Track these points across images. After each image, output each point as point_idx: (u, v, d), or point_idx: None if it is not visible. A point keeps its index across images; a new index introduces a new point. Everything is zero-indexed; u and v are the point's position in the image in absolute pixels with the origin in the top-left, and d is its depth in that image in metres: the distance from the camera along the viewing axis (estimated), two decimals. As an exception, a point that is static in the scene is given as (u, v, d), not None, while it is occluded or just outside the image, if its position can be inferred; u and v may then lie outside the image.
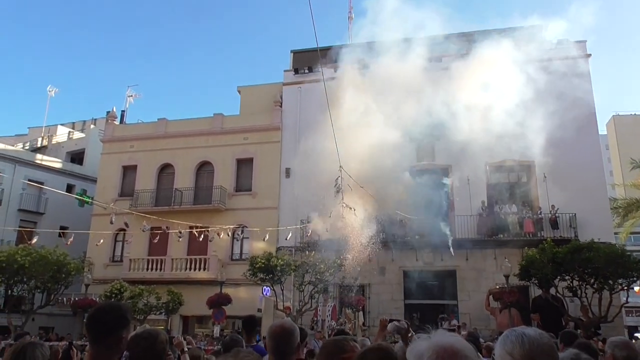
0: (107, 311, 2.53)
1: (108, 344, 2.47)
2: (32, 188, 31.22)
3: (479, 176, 21.62)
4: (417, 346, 1.64)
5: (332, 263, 18.93)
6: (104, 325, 2.47)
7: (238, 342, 4.63)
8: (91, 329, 2.49)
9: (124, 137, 27.80)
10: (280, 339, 3.05)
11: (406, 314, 21.36)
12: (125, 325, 2.53)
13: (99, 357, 2.49)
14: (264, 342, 6.85)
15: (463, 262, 21.20)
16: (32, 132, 41.79)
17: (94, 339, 2.49)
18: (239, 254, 24.28)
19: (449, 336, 1.66)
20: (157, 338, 2.82)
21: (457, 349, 1.58)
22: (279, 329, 3.13)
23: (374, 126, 20.10)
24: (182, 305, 22.15)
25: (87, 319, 2.53)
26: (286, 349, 3.06)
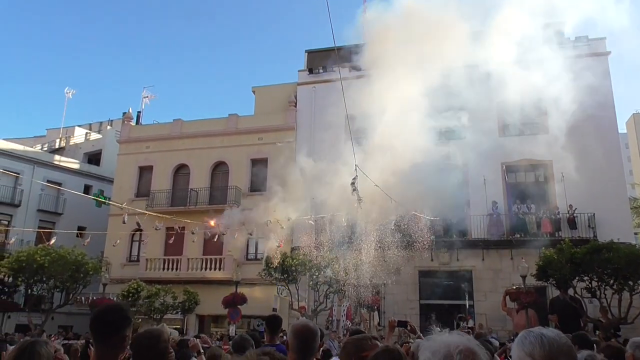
0: (110, 312, 2.61)
1: (113, 344, 2.55)
2: (51, 189, 31.73)
3: (495, 176, 21.44)
4: (429, 344, 1.65)
5: (347, 262, 18.90)
6: (108, 325, 2.55)
7: (248, 342, 4.61)
8: (96, 329, 2.57)
9: (140, 138, 28.08)
10: (306, 339, 3.09)
11: (422, 314, 21.27)
12: (128, 324, 2.62)
13: (104, 356, 2.56)
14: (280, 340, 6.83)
15: (479, 262, 21.03)
16: (50, 134, 42.46)
17: (98, 338, 2.57)
18: (254, 253, 24.38)
19: (461, 336, 1.66)
20: (160, 337, 2.89)
21: (473, 349, 1.59)
22: (305, 328, 3.18)
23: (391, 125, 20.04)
24: (198, 304, 22.30)
25: (91, 320, 2.60)
26: (310, 349, 3.11)
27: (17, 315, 24.88)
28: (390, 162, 20.64)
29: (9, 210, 30.28)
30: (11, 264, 20.28)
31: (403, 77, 18.36)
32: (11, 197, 30.32)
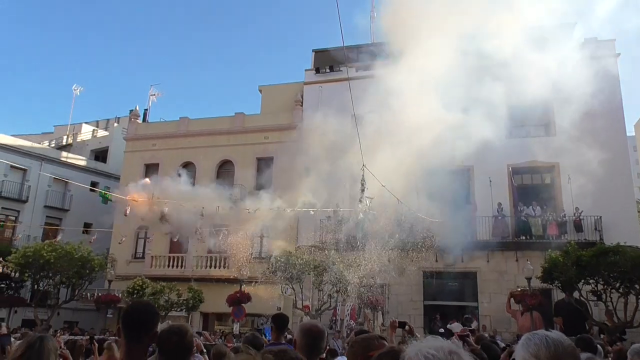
0: (144, 309, 2.62)
1: (143, 341, 2.56)
2: (58, 185, 31.95)
3: (501, 177, 21.38)
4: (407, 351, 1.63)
5: (352, 263, 18.90)
6: (143, 324, 2.55)
7: (259, 339, 4.68)
8: (130, 326, 2.55)
9: (146, 136, 28.19)
10: (314, 338, 3.11)
11: (426, 315, 21.23)
12: (158, 321, 2.63)
13: (135, 353, 2.56)
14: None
15: (484, 264, 20.96)
16: (57, 130, 42.69)
17: (131, 336, 2.55)
18: (258, 252, 24.42)
19: (439, 341, 1.64)
20: (187, 333, 2.93)
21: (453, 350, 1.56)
22: (314, 328, 3.20)
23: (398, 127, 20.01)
24: (202, 302, 22.37)
25: (125, 317, 2.57)
26: (318, 348, 3.13)
27: (23, 310, 25.07)
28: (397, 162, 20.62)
29: (16, 206, 30.50)
30: (18, 260, 20.42)
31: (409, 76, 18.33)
32: (19, 193, 30.54)
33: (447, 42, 17.41)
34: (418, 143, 20.12)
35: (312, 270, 19.29)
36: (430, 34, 17.29)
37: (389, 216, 19.18)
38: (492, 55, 17.44)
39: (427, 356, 1.54)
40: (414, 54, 18.67)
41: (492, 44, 17.56)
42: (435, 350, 1.57)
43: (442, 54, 17.43)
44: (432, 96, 17.97)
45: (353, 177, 23.14)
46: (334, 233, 21.98)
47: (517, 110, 19.58)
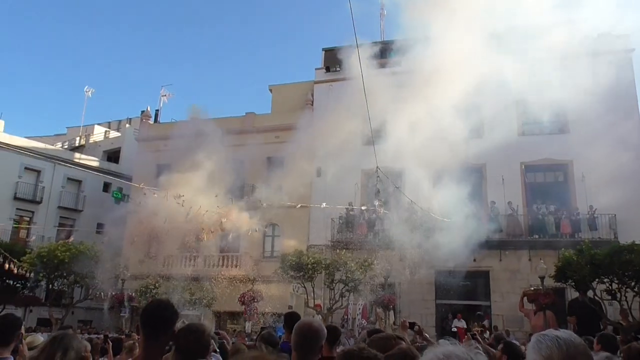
0: (164, 308, 2.66)
1: (163, 339, 2.62)
2: (71, 186, 32.31)
3: (513, 175, 21.22)
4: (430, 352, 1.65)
5: (363, 262, 18.89)
6: (163, 322, 2.60)
7: (275, 338, 4.73)
8: (150, 325, 2.59)
9: (158, 136, 28.34)
10: (307, 337, 3.10)
11: (437, 314, 21.15)
12: (176, 320, 2.68)
13: (154, 351, 2.60)
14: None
15: (496, 262, 20.82)
16: (70, 132, 43.12)
17: (150, 334, 2.59)
18: (270, 251, 24.48)
19: (451, 346, 1.67)
20: (205, 332, 2.99)
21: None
22: (307, 326, 3.19)
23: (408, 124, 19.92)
24: (214, 301, 22.48)
25: (145, 316, 2.61)
26: (312, 347, 3.11)
27: (38, 309, 25.38)
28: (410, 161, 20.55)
29: (30, 207, 30.87)
30: (32, 260, 20.67)
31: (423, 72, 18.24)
32: (33, 194, 30.91)
33: (466, 35, 17.27)
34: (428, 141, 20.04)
35: (324, 269, 19.31)
36: (449, 25, 17.15)
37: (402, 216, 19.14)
38: (506, 51, 17.27)
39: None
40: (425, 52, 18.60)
41: (506, 38, 17.41)
42: (445, 356, 1.57)
43: (460, 47, 17.29)
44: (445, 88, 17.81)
45: (366, 175, 23.13)
46: (346, 232, 22.00)
47: (531, 107, 19.40)
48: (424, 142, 20.76)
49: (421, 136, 19.61)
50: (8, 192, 29.72)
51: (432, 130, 20.28)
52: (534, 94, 20.53)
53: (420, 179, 20.62)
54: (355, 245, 21.15)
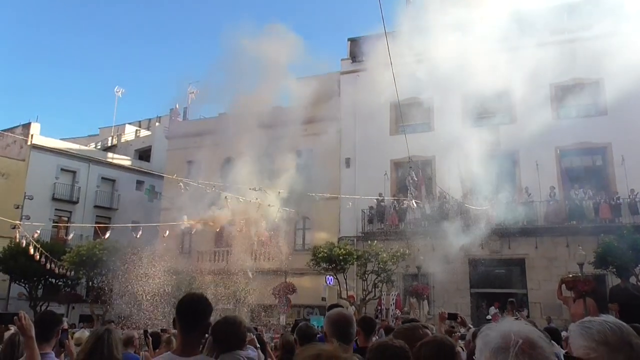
0: (198, 301, 2.74)
1: (199, 331, 2.70)
2: (106, 185, 33.12)
3: (549, 160, 20.67)
4: (488, 334, 1.56)
5: (395, 252, 18.75)
6: (198, 315, 2.68)
7: (312, 330, 4.70)
8: (186, 318, 2.66)
9: (187, 133, 28.71)
10: (342, 326, 3.15)
11: (472, 303, 20.86)
12: (211, 313, 2.76)
13: (191, 343, 2.67)
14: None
15: (532, 250, 20.35)
16: (102, 132, 44.13)
17: (187, 327, 2.66)
18: (301, 244, 24.57)
19: (522, 325, 1.58)
20: (241, 324, 3.17)
21: (533, 340, 1.50)
22: (340, 316, 3.24)
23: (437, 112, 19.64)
24: (248, 295, 22.71)
25: (180, 309, 2.69)
26: (348, 335, 3.14)
27: (80, 306, 26.18)
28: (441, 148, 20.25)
29: (68, 207, 31.77)
30: (72, 259, 21.29)
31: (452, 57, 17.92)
32: (70, 195, 31.79)
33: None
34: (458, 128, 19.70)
35: (355, 261, 19.26)
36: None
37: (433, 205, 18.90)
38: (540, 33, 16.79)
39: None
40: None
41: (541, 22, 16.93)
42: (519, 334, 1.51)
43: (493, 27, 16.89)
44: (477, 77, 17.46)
45: (395, 164, 22.91)
46: (376, 223, 21.88)
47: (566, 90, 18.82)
48: (455, 128, 20.45)
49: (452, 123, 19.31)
50: (47, 193, 30.64)
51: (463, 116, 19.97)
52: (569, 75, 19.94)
53: (452, 166, 20.32)
54: (387, 236, 21.03)
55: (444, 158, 21.14)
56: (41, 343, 3.54)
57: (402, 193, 21.39)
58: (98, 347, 3.14)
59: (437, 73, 20.24)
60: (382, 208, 21.85)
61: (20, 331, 2.92)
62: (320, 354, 1.50)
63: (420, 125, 23.58)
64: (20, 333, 2.92)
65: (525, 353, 1.45)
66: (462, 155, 20.53)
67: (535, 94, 20.17)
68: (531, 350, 1.46)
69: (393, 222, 21.54)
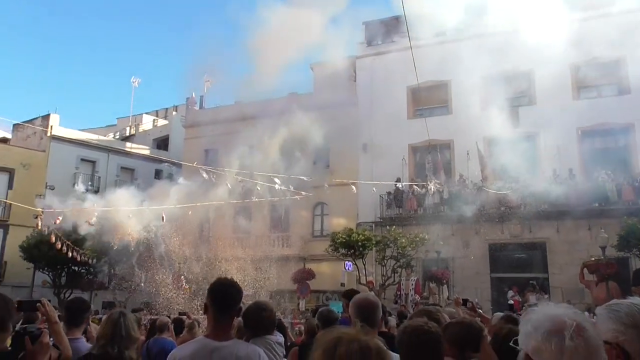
0: (230, 285, 2.83)
1: (232, 315, 2.80)
2: (125, 174, 33.48)
3: (569, 142, 20.31)
4: (536, 319, 1.55)
5: (414, 237, 18.69)
6: (231, 299, 2.77)
7: (334, 314, 4.74)
8: (217, 302, 2.75)
9: (204, 122, 28.84)
10: (368, 310, 3.18)
11: (493, 287, 20.74)
12: (241, 297, 2.85)
13: (223, 327, 2.77)
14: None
15: (553, 233, 20.09)
16: (120, 122, 44.52)
17: (220, 311, 2.75)
18: (319, 230, 24.63)
19: (567, 309, 1.58)
20: (272, 310, 3.29)
21: (583, 324, 1.49)
22: (366, 301, 3.27)
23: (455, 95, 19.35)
24: (267, 280, 22.88)
25: (212, 294, 2.77)
26: (374, 320, 3.18)
27: (103, 293, 26.68)
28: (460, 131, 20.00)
29: (89, 196, 32.19)
30: (94, 247, 21.65)
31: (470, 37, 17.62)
32: (90, 184, 32.21)
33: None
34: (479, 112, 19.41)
35: (374, 246, 19.25)
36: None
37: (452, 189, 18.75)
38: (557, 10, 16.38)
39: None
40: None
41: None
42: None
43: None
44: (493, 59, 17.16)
45: (413, 149, 22.72)
46: (395, 208, 21.79)
47: (587, 70, 18.39)
48: (475, 111, 20.18)
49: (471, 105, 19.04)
50: (68, 183, 31.08)
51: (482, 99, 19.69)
52: (590, 54, 19.45)
53: (471, 150, 20.10)
54: (405, 221, 20.96)
55: (463, 141, 20.92)
56: (71, 328, 3.63)
57: (420, 177, 21.25)
58: (117, 330, 3.27)
59: (455, 55, 19.95)
60: (401, 193, 21.74)
61: (44, 317, 2.99)
62: (341, 337, 1.50)
63: (438, 109, 23.34)
64: (46, 319, 2.98)
65: (580, 336, 1.45)
66: (481, 138, 20.30)
67: (555, 74, 19.76)
68: (583, 333, 1.46)
69: (412, 207, 21.44)
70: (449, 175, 21.40)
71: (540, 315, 1.54)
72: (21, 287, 25.62)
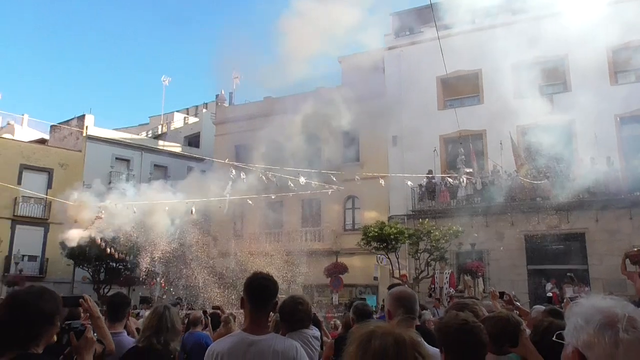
0: (267, 279, 2.85)
1: (268, 309, 2.83)
2: (158, 172, 34.12)
3: (607, 129, 19.65)
4: (585, 312, 1.49)
5: (448, 230, 18.44)
6: (268, 293, 2.79)
7: (369, 308, 4.72)
8: (254, 296, 2.78)
9: (233, 118, 29.10)
10: (408, 302, 3.15)
11: (530, 280, 20.32)
12: (277, 291, 2.87)
13: (260, 321, 2.79)
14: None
15: (592, 223, 19.50)
16: (152, 121, 45.40)
17: (257, 305, 2.77)
18: (351, 224, 24.59)
19: (615, 301, 1.52)
20: (308, 303, 3.29)
21: (635, 317, 1.43)
22: (404, 292, 3.27)
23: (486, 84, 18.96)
24: (301, 275, 22.98)
25: (251, 288, 2.79)
26: (412, 313, 3.15)
27: (140, 288, 27.34)
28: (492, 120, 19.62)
29: (124, 194, 32.96)
30: (130, 243, 22.14)
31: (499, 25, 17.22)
32: (125, 182, 32.96)
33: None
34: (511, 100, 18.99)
35: (407, 239, 19.08)
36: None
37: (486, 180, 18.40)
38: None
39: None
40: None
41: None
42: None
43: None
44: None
45: (444, 140, 22.38)
46: (427, 200, 21.54)
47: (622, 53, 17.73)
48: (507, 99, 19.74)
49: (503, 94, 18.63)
50: (103, 182, 31.89)
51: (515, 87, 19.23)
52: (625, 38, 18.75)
53: (504, 139, 19.66)
54: (438, 213, 20.71)
55: (496, 131, 20.50)
56: (113, 323, 3.70)
57: (452, 169, 20.93)
58: (162, 323, 3.40)
59: (485, 43, 19.53)
60: (433, 185, 21.48)
61: (87, 313, 3.05)
62: (375, 330, 1.47)
63: (469, 99, 22.95)
64: (89, 314, 3.04)
65: (633, 328, 1.39)
66: (514, 127, 19.84)
67: (591, 59, 19.13)
68: (637, 325, 1.41)
69: (444, 199, 21.17)
70: (482, 166, 21.03)
71: (589, 308, 1.48)
72: (62, 283, 26.54)
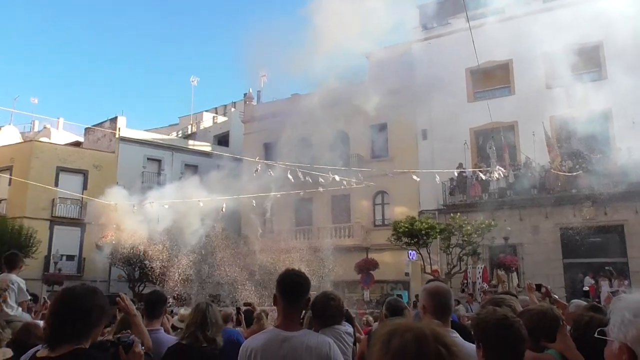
0: (299, 275, 2.90)
1: (301, 304, 2.86)
2: (189, 171, 34.65)
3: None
4: (625, 305, 1.48)
5: (480, 224, 18.13)
6: (300, 290, 2.83)
7: (401, 304, 4.67)
8: (287, 292, 2.81)
9: (261, 116, 29.27)
10: (443, 298, 3.10)
11: (566, 274, 19.82)
12: (310, 288, 2.90)
13: (293, 317, 2.84)
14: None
15: (632, 215, 18.88)
16: (182, 121, 46.10)
17: (290, 302, 2.80)
18: (381, 219, 24.45)
19: None
20: (340, 300, 3.36)
21: None
22: (440, 288, 3.20)
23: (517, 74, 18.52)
24: (332, 271, 22.98)
25: (282, 284, 2.82)
26: (448, 308, 3.13)
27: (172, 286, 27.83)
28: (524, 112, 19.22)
29: (156, 193, 33.61)
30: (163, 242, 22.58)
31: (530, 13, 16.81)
32: (157, 182, 33.59)
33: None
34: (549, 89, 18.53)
35: (438, 234, 18.84)
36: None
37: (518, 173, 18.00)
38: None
39: None
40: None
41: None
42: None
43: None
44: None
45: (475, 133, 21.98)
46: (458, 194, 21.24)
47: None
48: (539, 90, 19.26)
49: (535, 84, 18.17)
50: (136, 182, 32.58)
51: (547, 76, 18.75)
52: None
53: (537, 131, 19.18)
54: (470, 207, 20.38)
55: (528, 122, 20.04)
56: (151, 320, 3.76)
57: (484, 162, 20.56)
58: (206, 318, 3.56)
59: (515, 32, 19.09)
60: (464, 179, 21.14)
61: (124, 311, 3.15)
62: (396, 328, 1.40)
63: (500, 90, 22.49)
64: (125, 312, 3.10)
65: None
66: (547, 118, 19.35)
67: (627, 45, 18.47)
68: None
69: (476, 193, 20.82)
70: (514, 158, 20.59)
71: (637, 302, 1.44)
72: (99, 281, 27.24)
